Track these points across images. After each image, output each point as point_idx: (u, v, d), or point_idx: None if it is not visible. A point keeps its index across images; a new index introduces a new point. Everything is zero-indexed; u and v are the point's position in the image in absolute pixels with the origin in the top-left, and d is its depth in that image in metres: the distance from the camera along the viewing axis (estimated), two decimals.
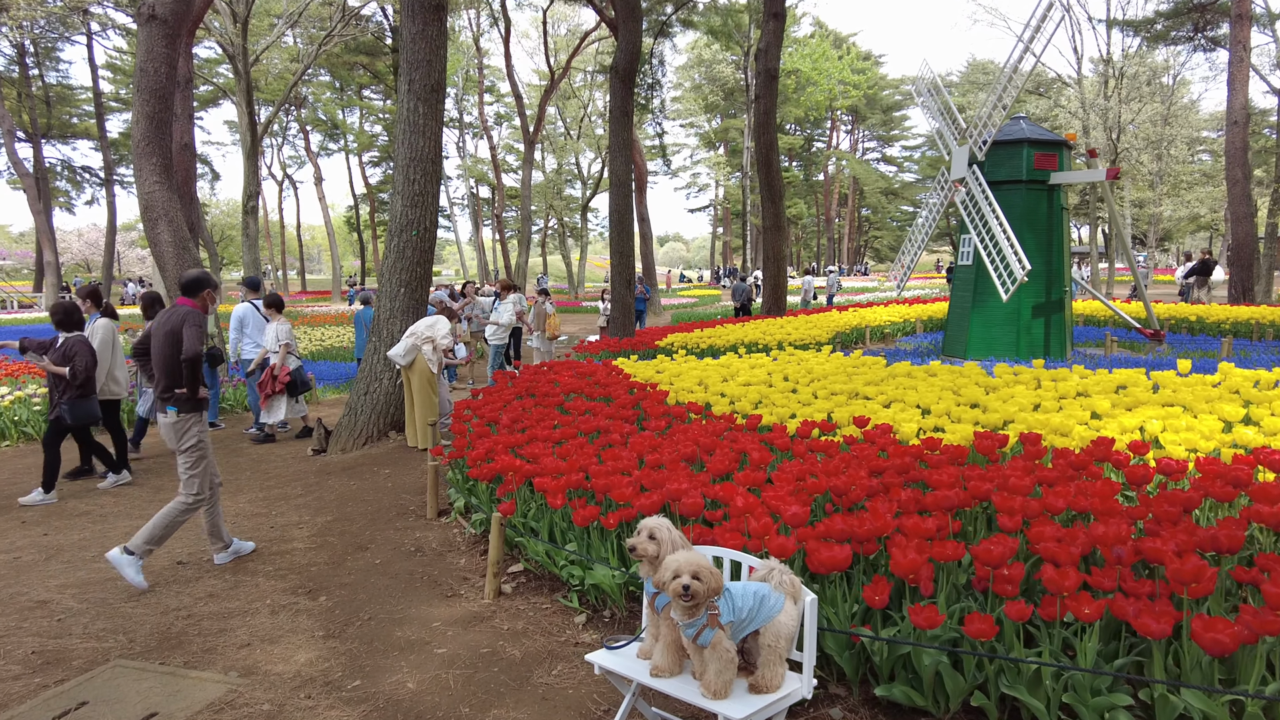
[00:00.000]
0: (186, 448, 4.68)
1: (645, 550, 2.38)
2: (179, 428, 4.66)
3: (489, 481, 5.02)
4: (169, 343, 4.61)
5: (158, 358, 4.67)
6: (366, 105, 49.98)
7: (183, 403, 4.64)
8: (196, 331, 4.60)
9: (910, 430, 4.99)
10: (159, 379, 4.69)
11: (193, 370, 4.58)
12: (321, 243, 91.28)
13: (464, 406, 7.15)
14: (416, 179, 8.23)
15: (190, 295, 4.85)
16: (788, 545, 2.90)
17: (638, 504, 3.65)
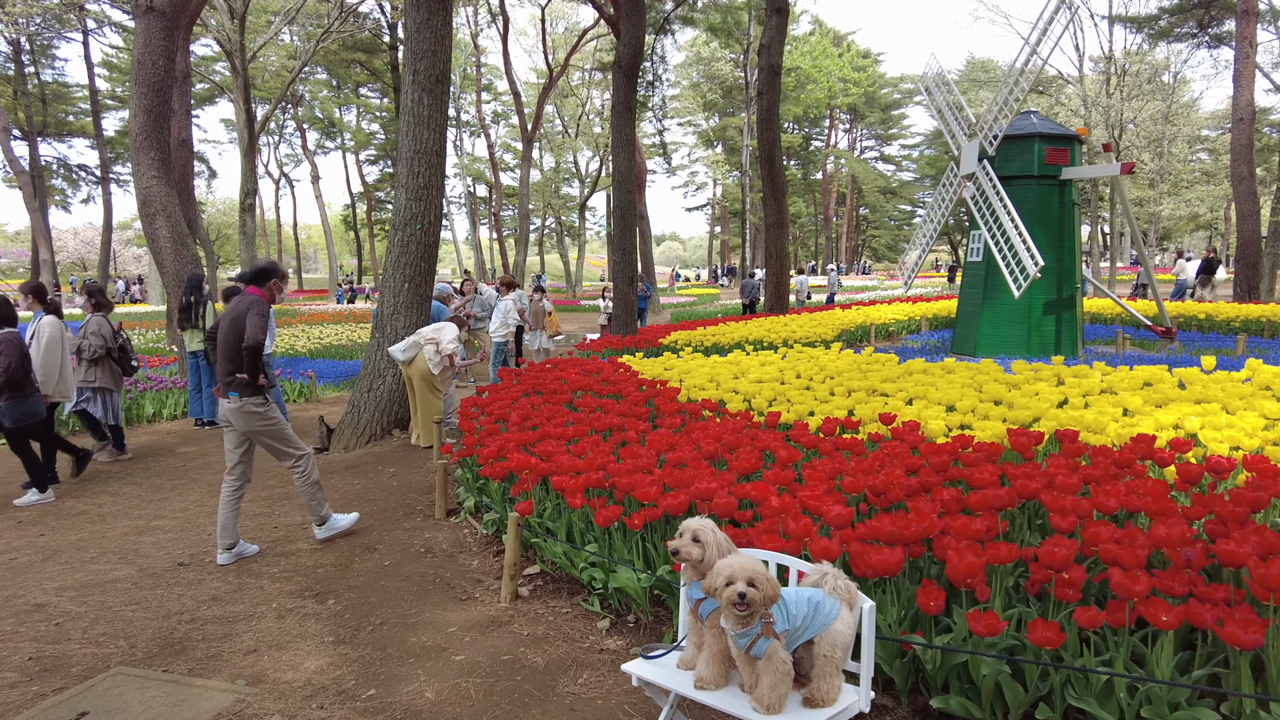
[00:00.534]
0: (260, 429, 4.79)
1: (689, 554, 2.22)
2: (243, 412, 4.73)
3: (501, 480, 4.85)
4: (233, 330, 4.70)
5: (222, 344, 4.76)
6: (364, 103, 49.76)
7: (242, 387, 4.71)
8: (260, 320, 4.66)
9: (938, 427, 4.84)
10: (221, 364, 4.78)
11: (253, 357, 4.65)
12: (318, 242, 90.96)
13: (471, 404, 6.98)
14: (421, 172, 8.05)
15: (258, 284, 4.95)
16: (831, 548, 2.74)
17: (663, 504, 3.48)
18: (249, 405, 4.72)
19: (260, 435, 4.83)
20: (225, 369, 4.75)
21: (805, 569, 2.39)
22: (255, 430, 4.79)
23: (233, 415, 4.75)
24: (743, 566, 1.99)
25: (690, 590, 2.28)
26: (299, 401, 11.20)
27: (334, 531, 5.21)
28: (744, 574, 1.98)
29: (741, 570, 1.99)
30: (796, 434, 4.76)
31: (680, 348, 13.25)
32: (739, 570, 1.99)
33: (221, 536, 4.82)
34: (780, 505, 3.10)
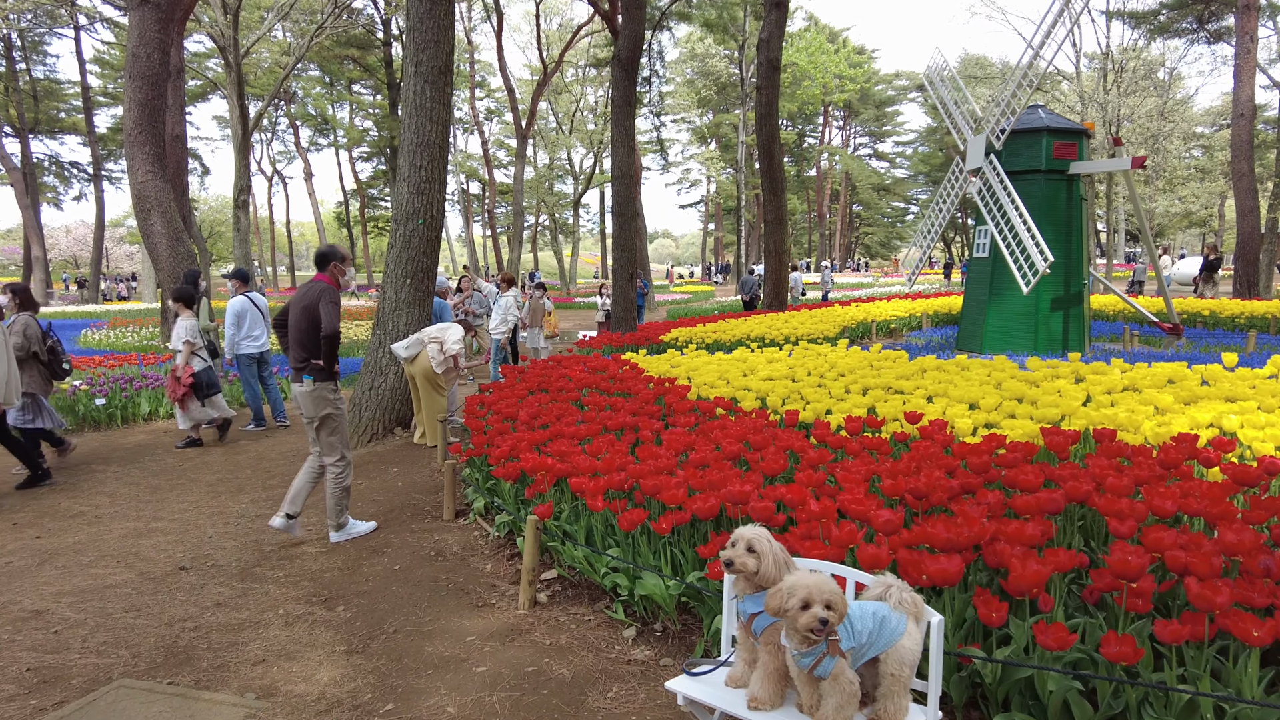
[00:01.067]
0: (324, 415, 4.91)
1: (745, 565, 2.06)
2: (315, 396, 4.87)
3: (514, 481, 4.69)
4: (305, 317, 4.83)
5: (294, 330, 4.90)
6: (357, 100, 49.43)
7: (318, 373, 4.84)
8: (334, 309, 4.82)
9: (965, 426, 4.69)
10: (294, 350, 4.92)
11: (330, 346, 4.82)
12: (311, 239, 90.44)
13: (477, 402, 6.82)
14: (423, 165, 7.88)
15: (321, 269, 5.06)
16: (880, 556, 2.59)
17: (691, 507, 3.33)
18: (322, 390, 4.87)
19: (322, 421, 4.93)
20: (299, 355, 4.88)
21: (865, 580, 2.24)
22: (320, 416, 4.91)
23: (303, 398, 4.90)
24: (819, 587, 1.83)
25: (743, 604, 2.13)
26: None
27: (348, 538, 5.11)
28: (821, 596, 1.83)
29: (819, 592, 1.83)
30: (818, 434, 4.61)
31: (682, 345, 13.12)
32: (815, 591, 1.83)
33: (289, 503, 5.02)
34: (820, 509, 2.94)
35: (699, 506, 3.21)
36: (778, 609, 1.88)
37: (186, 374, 7.85)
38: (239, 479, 6.81)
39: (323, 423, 4.94)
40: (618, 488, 3.76)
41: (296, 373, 4.89)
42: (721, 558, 2.09)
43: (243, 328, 8.92)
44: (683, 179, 65.83)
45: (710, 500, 3.23)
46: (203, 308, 9.05)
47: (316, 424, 4.94)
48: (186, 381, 7.84)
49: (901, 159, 70.07)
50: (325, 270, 5.03)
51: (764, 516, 3.00)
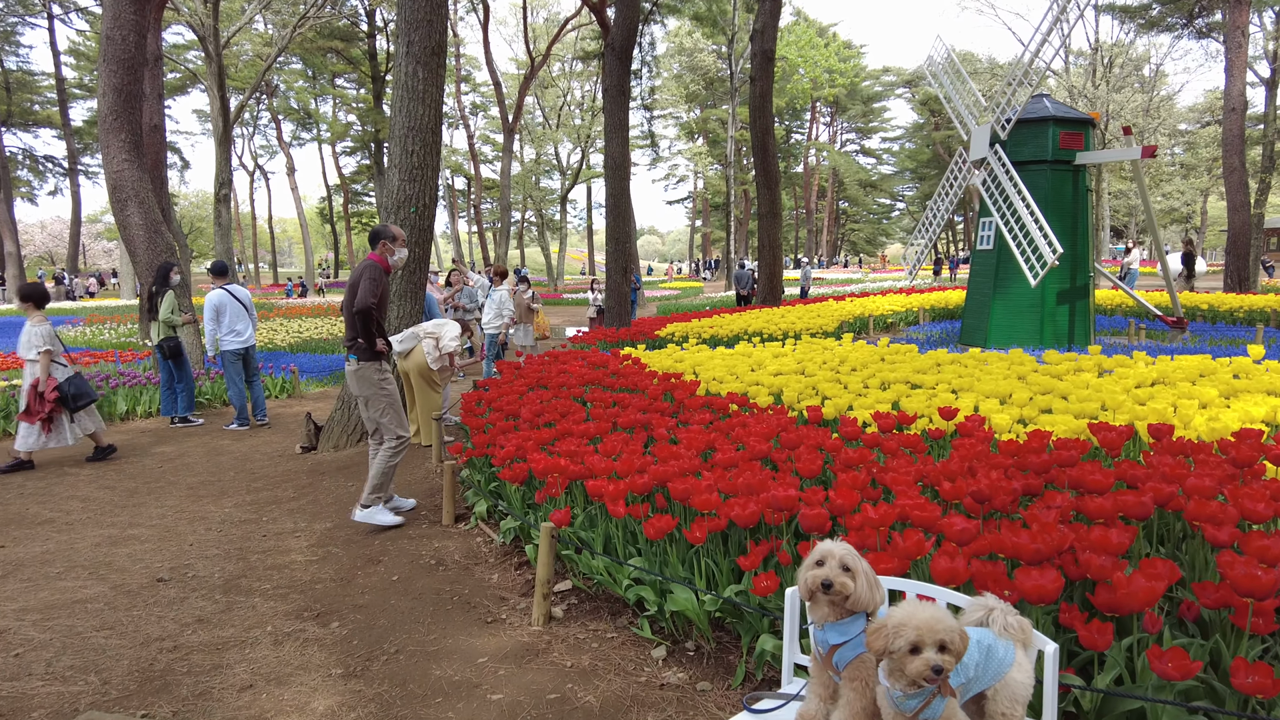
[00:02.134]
0: (369, 395, 4.90)
1: (846, 587, 1.74)
2: (359, 375, 4.87)
3: (521, 484, 4.36)
4: (350, 295, 4.85)
5: (345, 309, 4.94)
6: (340, 94, 48.70)
7: (361, 352, 4.83)
8: (371, 285, 4.76)
9: (1003, 422, 4.40)
10: (346, 328, 4.93)
11: (364, 322, 4.76)
12: (293, 235, 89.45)
13: (475, 399, 6.47)
14: (415, 150, 7.51)
15: (373, 247, 5.05)
16: (956, 569, 2.28)
17: (728, 513, 3.01)
18: (365, 370, 4.84)
19: (370, 400, 4.91)
20: (348, 334, 4.89)
21: (959, 601, 1.93)
22: (367, 396, 4.89)
23: (350, 378, 4.95)
24: (930, 625, 1.50)
25: (823, 633, 1.81)
26: (281, 398, 10.61)
27: (369, 521, 4.99)
28: (934, 636, 1.51)
29: (930, 631, 1.50)
30: (846, 431, 4.30)
31: (679, 340, 12.82)
32: (926, 631, 1.50)
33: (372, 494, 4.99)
34: (880, 516, 2.63)
35: (738, 513, 2.89)
36: (881, 650, 1.56)
37: (50, 387, 6.82)
38: (222, 482, 6.43)
39: (369, 403, 4.91)
40: (641, 491, 3.44)
41: (347, 352, 4.93)
42: (816, 578, 1.77)
43: (223, 322, 8.56)
44: (670, 175, 65.55)
45: (749, 506, 2.91)
46: (166, 301, 8.62)
47: (366, 404, 4.94)
48: (51, 396, 6.80)
49: (888, 155, 70.08)
50: (375, 248, 5.02)
51: (814, 524, 2.68)
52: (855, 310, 16.23)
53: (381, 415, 4.94)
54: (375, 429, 5.02)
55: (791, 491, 2.91)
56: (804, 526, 2.69)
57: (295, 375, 10.85)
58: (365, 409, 4.97)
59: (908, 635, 1.52)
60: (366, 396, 4.90)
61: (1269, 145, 34.60)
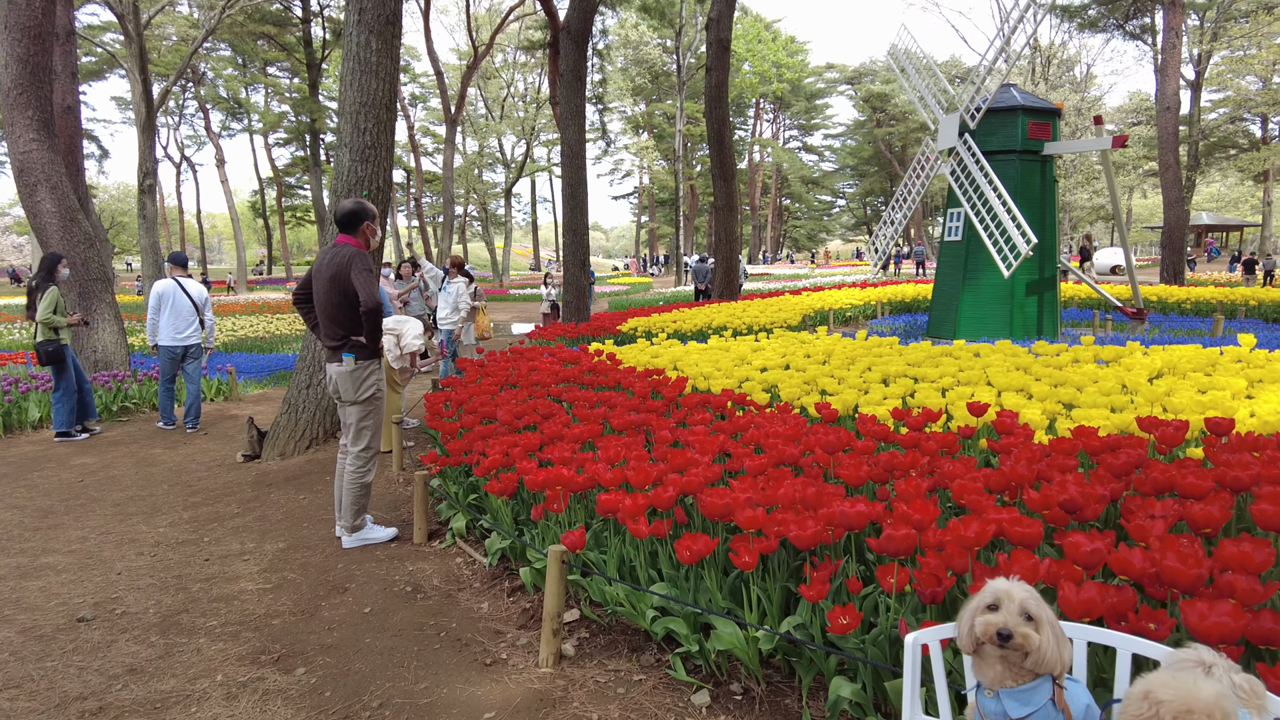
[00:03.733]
0: (365, 397, 4.35)
1: (1028, 641, 1.30)
2: (357, 376, 4.31)
3: (509, 497, 3.83)
4: (335, 289, 4.23)
5: (324, 305, 4.29)
6: (272, 83, 46.82)
7: (361, 350, 4.29)
8: (369, 278, 4.20)
9: (1035, 417, 4.04)
10: (326, 328, 4.33)
11: (374, 321, 4.22)
12: (224, 230, 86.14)
13: (441, 400, 5.91)
14: (368, 129, 6.87)
15: (349, 232, 4.36)
16: (1092, 602, 1.86)
17: (785, 533, 2.55)
18: (365, 370, 4.31)
19: (358, 404, 4.35)
20: (334, 333, 4.29)
21: (1156, 653, 1.51)
22: (358, 399, 4.33)
23: (343, 380, 4.32)
24: (1219, 710, 1.07)
25: (996, 702, 1.37)
26: (218, 400, 9.79)
27: (363, 544, 4.47)
28: (1206, 712, 1.08)
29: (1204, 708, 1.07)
30: (869, 430, 3.89)
31: (644, 335, 12.37)
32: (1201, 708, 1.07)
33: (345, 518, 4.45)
34: (974, 534, 2.20)
35: (796, 533, 2.43)
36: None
37: None
38: (154, 497, 5.72)
39: (360, 407, 4.37)
40: (664, 506, 2.95)
41: (333, 352, 4.33)
42: (980, 626, 1.33)
43: (164, 314, 7.85)
44: (615, 169, 65.02)
45: (809, 525, 2.46)
46: (47, 298, 7.60)
47: (355, 406, 4.36)
48: None
49: (830, 152, 70.77)
50: (354, 232, 4.36)
51: (900, 546, 2.23)
52: (815, 304, 16.00)
53: (364, 419, 4.38)
54: (354, 435, 4.41)
55: (860, 505, 2.46)
56: (887, 550, 2.24)
57: (233, 376, 10.04)
58: (351, 414, 4.38)
59: (1174, 712, 1.07)
60: (361, 400, 4.35)
61: (1194, 145, 35.83)
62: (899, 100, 54.10)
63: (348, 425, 4.41)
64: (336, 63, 44.70)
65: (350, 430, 4.41)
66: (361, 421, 4.38)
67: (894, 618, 2.29)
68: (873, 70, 59.21)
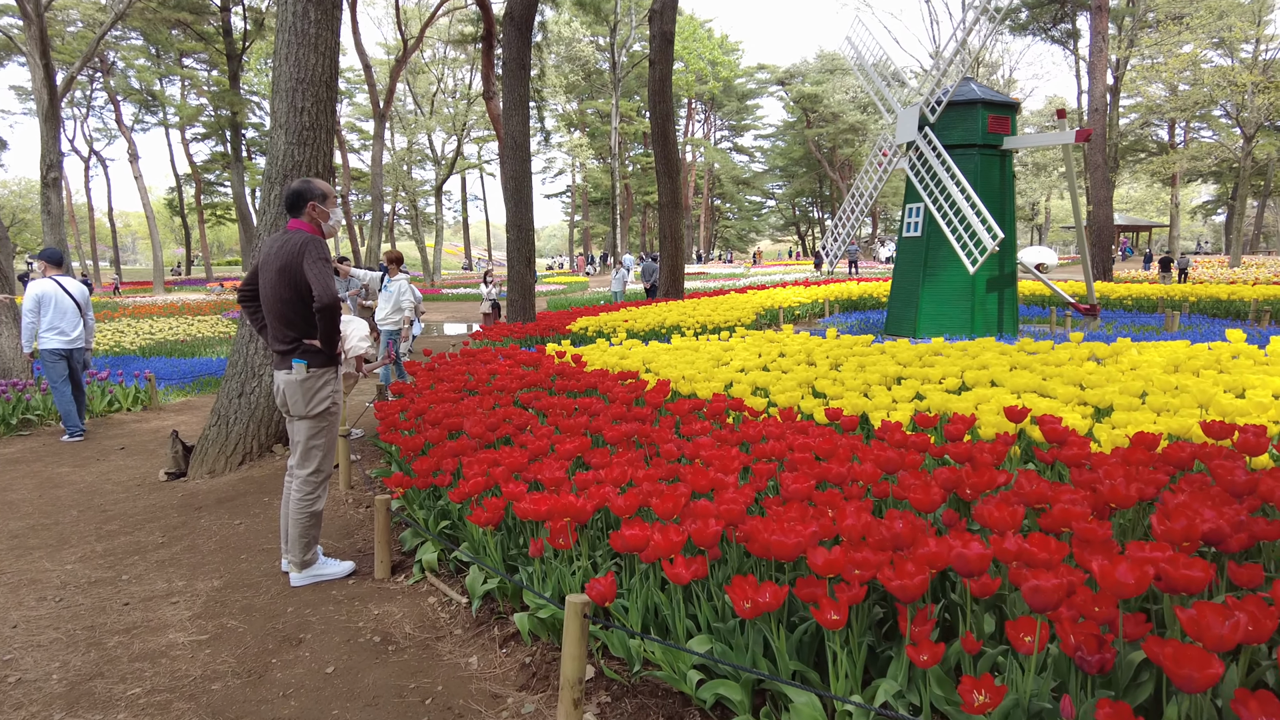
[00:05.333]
0: (318, 412, 3.70)
1: None
2: (309, 386, 3.65)
3: (494, 527, 3.27)
4: (284, 283, 3.57)
5: (271, 302, 3.63)
6: (190, 75, 44.45)
7: (314, 355, 3.65)
8: (324, 268, 3.51)
9: (1077, 422, 3.68)
10: (274, 329, 3.67)
11: (330, 320, 3.56)
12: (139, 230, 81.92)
13: (396, 410, 5.28)
14: (306, 108, 6.17)
15: (296, 213, 3.70)
16: None
17: (864, 576, 2.07)
18: (320, 378, 3.67)
19: (308, 419, 3.69)
20: (283, 335, 3.64)
21: None
22: (309, 413, 3.67)
23: (292, 390, 3.66)
24: None
25: None
26: (136, 410, 8.87)
27: (315, 580, 3.82)
28: None
29: None
30: (897, 440, 3.47)
31: (597, 334, 11.87)
32: None
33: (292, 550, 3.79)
34: (1135, 578, 1.76)
35: (901, 582, 1.95)
36: None
37: None
38: (60, 526, 4.94)
39: (314, 421, 3.71)
40: (707, 542, 2.44)
41: (281, 357, 3.67)
42: None
43: (45, 317, 7.04)
44: (548, 167, 64.13)
45: (910, 571, 1.98)
46: None
47: (305, 421, 3.70)
48: None
49: (760, 153, 71.28)
50: (301, 214, 3.69)
51: (1049, 600, 1.78)
52: (765, 302, 15.73)
53: (317, 436, 3.74)
54: (301, 455, 3.75)
55: (976, 545, 2.00)
56: (1034, 603, 1.78)
57: (152, 383, 9.12)
58: (299, 430, 3.74)
59: None
60: (312, 414, 3.70)
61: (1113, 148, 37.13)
62: (830, 101, 54.76)
63: (295, 443, 3.77)
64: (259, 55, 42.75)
65: (298, 449, 3.76)
66: (311, 440, 3.74)
67: (1028, 685, 1.84)
68: (803, 71, 59.80)
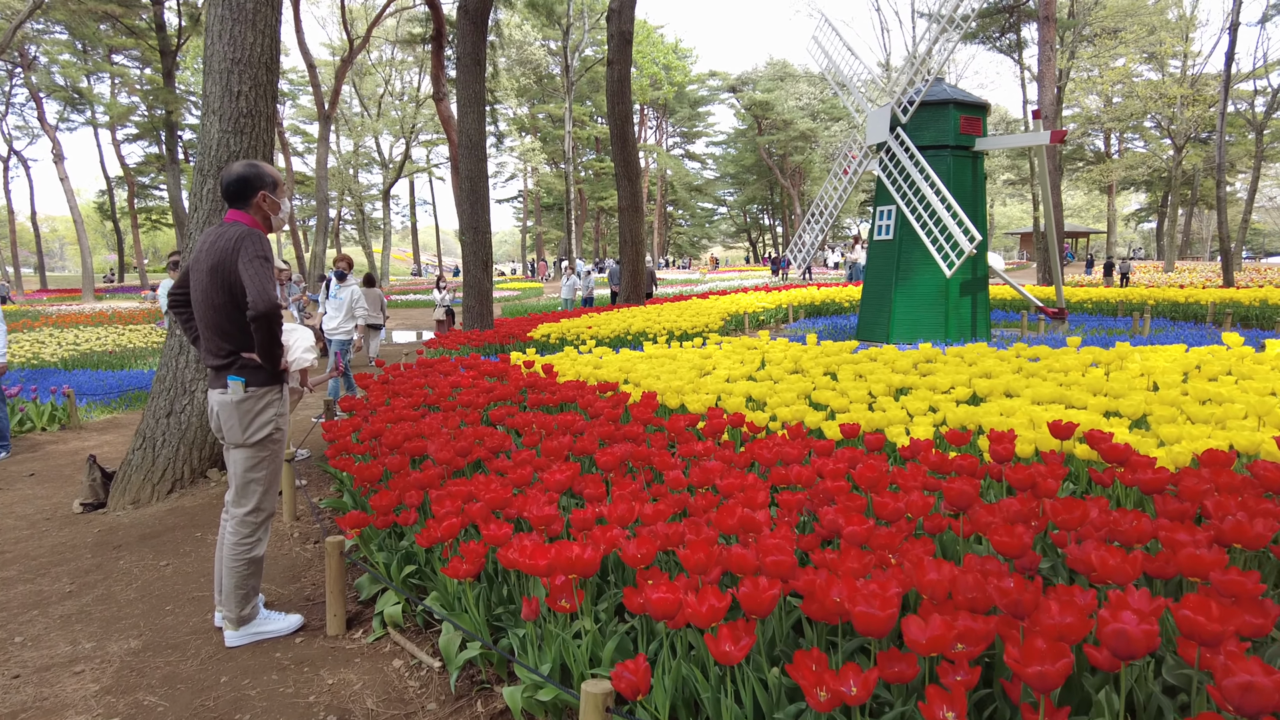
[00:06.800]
0: (257, 439, 3.10)
1: None
2: (247, 409, 3.07)
3: (473, 577, 2.71)
4: (217, 285, 2.99)
5: (203, 308, 3.06)
6: (120, 72, 42.52)
7: (254, 373, 3.06)
8: (263, 268, 2.91)
9: (1132, 440, 3.28)
10: (208, 339, 3.09)
11: (268, 330, 2.94)
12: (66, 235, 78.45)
13: (348, 429, 4.68)
14: (244, 92, 5.52)
15: (240, 205, 3.10)
16: None
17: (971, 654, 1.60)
18: (259, 400, 3.07)
19: (247, 448, 3.09)
20: (218, 346, 3.05)
21: None
22: (246, 440, 3.08)
23: (227, 412, 3.07)
24: None
25: None
26: (53, 429, 8.02)
27: (255, 638, 3.20)
28: None
29: None
30: (936, 463, 3.03)
31: (560, 342, 11.33)
32: None
33: (229, 605, 3.18)
34: None
35: (1038, 668, 1.47)
36: None
37: None
38: None
39: (252, 451, 3.11)
40: (764, 609, 1.93)
41: (216, 374, 3.09)
42: None
43: None
44: (499, 172, 63.20)
45: (1044, 653, 1.51)
46: None
47: (243, 450, 3.11)
48: None
49: (711, 160, 71.40)
50: (246, 206, 3.10)
51: (1265, 703, 1.32)
52: (730, 308, 15.37)
53: (256, 469, 3.13)
54: (238, 490, 3.15)
55: (1130, 617, 1.53)
56: (1243, 706, 1.31)
57: (71, 399, 8.27)
58: (237, 460, 3.14)
59: None
60: (250, 442, 3.11)
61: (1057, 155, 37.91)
62: (781, 108, 55.00)
63: (232, 476, 3.16)
64: (195, 53, 41.08)
65: (234, 483, 3.16)
66: (250, 472, 3.14)
67: None
68: (754, 78, 60.03)
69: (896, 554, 2.22)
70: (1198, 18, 37.59)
